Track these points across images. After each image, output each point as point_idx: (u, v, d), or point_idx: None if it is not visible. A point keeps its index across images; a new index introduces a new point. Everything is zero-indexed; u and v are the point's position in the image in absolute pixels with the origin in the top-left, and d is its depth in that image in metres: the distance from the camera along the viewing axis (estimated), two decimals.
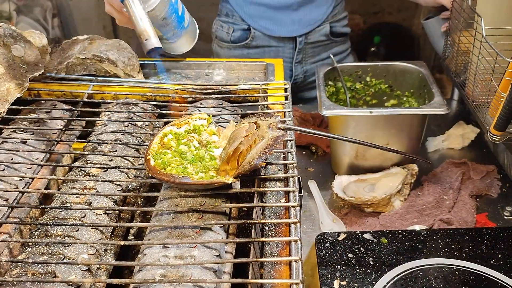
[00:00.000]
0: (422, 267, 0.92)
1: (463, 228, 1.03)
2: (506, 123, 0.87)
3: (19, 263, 0.61)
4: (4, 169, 0.75)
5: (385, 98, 1.37)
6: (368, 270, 0.92)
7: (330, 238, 0.99)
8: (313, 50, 1.57)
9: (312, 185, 1.22)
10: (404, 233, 1.01)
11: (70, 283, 0.59)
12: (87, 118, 0.90)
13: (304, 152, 1.36)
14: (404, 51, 2.57)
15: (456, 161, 1.28)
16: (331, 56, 1.34)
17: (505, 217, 1.12)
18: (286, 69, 1.52)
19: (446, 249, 0.96)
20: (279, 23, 1.51)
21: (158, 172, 0.68)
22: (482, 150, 1.34)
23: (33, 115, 0.88)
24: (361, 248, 0.97)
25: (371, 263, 0.94)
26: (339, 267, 0.93)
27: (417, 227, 1.06)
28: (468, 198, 1.15)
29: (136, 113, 0.91)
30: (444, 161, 1.28)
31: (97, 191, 0.73)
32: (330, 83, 1.32)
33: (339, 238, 0.99)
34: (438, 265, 0.93)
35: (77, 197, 0.71)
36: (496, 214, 1.13)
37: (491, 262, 0.93)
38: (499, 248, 0.96)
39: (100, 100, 0.96)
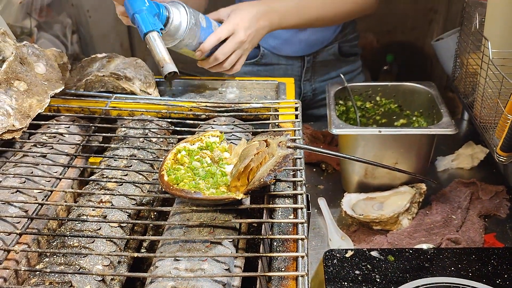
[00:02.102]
0: (428, 285, 0.93)
1: (469, 248, 1.04)
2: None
3: (37, 273, 0.64)
4: (24, 182, 0.78)
5: (394, 117, 1.38)
6: (374, 287, 0.93)
7: (337, 255, 1.01)
8: (321, 68, 1.59)
9: (322, 202, 1.23)
10: (411, 251, 1.02)
11: None
12: (103, 134, 0.93)
13: (314, 170, 1.38)
14: (417, 70, 2.58)
15: (465, 181, 1.28)
16: (341, 75, 1.35)
17: None
18: (294, 87, 1.55)
19: (452, 268, 0.97)
20: (286, 43, 1.53)
21: (171, 187, 0.71)
22: (491, 170, 1.35)
23: (53, 130, 0.92)
24: (368, 265, 0.98)
25: (378, 280, 0.95)
26: (346, 283, 0.94)
27: (424, 246, 1.07)
28: (477, 218, 1.16)
29: (151, 130, 0.95)
30: (453, 181, 1.29)
31: (112, 205, 0.76)
32: (341, 102, 1.34)
33: (347, 255, 1.01)
34: (444, 284, 0.94)
35: (93, 210, 0.74)
36: (504, 235, 1.14)
37: (497, 282, 0.94)
38: (505, 268, 0.97)
39: (117, 117, 1.00)
